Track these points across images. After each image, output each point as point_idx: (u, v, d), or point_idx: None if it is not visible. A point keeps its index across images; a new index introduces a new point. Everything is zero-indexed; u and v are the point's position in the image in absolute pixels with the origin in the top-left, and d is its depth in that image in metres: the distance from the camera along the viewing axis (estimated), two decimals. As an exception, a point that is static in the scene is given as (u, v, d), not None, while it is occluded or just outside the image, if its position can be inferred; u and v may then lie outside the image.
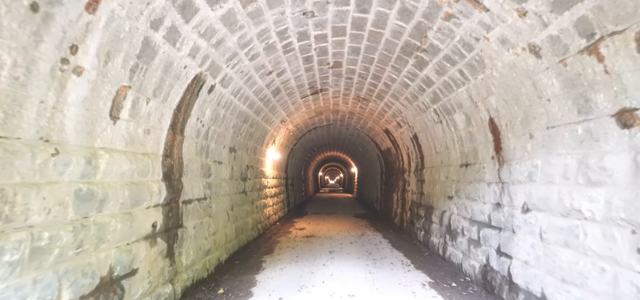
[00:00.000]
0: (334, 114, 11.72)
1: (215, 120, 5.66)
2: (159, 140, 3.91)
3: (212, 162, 5.87)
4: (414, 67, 5.86)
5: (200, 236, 5.14)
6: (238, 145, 7.34)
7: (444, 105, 6.06)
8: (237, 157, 7.34)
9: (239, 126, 6.97)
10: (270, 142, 10.14)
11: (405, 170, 10.55)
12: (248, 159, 8.26)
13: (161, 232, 3.90)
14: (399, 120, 8.92)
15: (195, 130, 4.99)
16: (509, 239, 4.28)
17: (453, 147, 6.43)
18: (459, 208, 6.03)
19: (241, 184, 7.63)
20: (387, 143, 11.80)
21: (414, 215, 9.09)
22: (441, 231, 6.85)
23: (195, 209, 5.02)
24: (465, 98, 5.22)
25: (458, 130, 5.99)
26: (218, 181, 6.09)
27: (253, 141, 8.40)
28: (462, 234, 5.79)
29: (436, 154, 7.45)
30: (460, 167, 6.11)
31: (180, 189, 4.50)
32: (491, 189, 4.87)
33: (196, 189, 5.09)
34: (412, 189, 9.62)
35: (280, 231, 9.83)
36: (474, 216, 5.41)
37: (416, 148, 8.87)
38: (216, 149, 6.03)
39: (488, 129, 4.88)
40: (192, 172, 4.96)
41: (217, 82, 5.04)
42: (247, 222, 7.97)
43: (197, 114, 4.91)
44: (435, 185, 7.51)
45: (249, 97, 6.63)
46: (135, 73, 3.10)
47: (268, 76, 6.53)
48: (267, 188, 10.35)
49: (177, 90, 4.05)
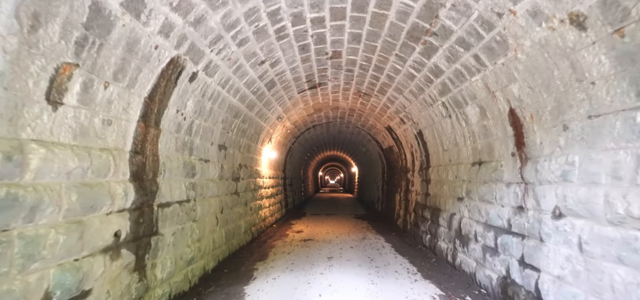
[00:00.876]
0: (333, 111, 11.09)
1: (200, 114, 5.03)
2: (125, 133, 3.28)
3: (198, 160, 5.24)
4: (421, 55, 5.23)
5: (182, 244, 4.51)
6: (229, 143, 6.71)
7: (454, 98, 5.43)
8: (227, 155, 6.71)
9: (229, 121, 6.35)
10: (266, 140, 9.52)
11: (408, 169, 9.91)
12: (241, 157, 7.64)
13: (127, 242, 3.27)
14: (403, 116, 8.29)
15: (174, 124, 4.36)
16: (535, 248, 3.64)
17: (463, 144, 5.80)
18: (471, 211, 5.39)
19: (233, 185, 7.00)
20: (389, 141, 11.17)
21: (418, 218, 8.46)
22: (450, 236, 6.22)
23: (175, 213, 4.40)
24: (480, 88, 4.59)
25: (470, 125, 5.36)
26: (204, 181, 5.46)
27: (246, 138, 7.78)
28: (475, 239, 5.15)
29: (444, 151, 6.82)
30: (472, 166, 5.47)
31: (154, 191, 3.87)
32: (511, 190, 4.23)
33: (176, 190, 4.46)
34: (416, 189, 8.98)
35: (276, 234, 9.20)
36: (489, 220, 4.78)
37: (421, 146, 8.23)
38: (202, 145, 5.41)
39: (507, 122, 4.24)
40: (172, 172, 4.33)
41: (199, 70, 4.41)
42: (240, 226, 7.34)
43: (177, 105, 4.28)
44: (442, 186, 6.88)
45: (240, 89, 6.00)
46: (84, 48, 2.47)
47: (260, 66, 5.90)
48: (262, 188, 9.72)
49: (148, 75, 3.43)
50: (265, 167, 10.15)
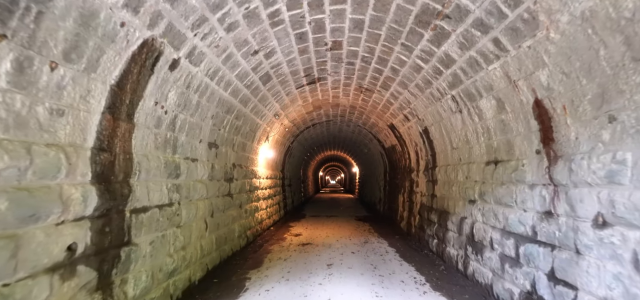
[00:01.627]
0: (333, 109, 10.53)
1: (185, 108, 4.48)
2: (84, 126, 2.72)
3: (183, 159, 4.69)
4: (430, 42, 4.67)
5: (161, 253, 3.96)
6: (221, 141, 6.16)
7: (466, 90, 4.87)
8: (219, 154, 6.16)
9: (220, 117, 5.79)
10: (262, 139, 8.96)
11: (412, 169, 9.35)
12: (235, 156, 7.08)
13: (87, 256, 2.71)
14: (407, 112, 7.73)
15: (153, 118, 3.80)
16: (570, 262, 3.08)
17: (476, 141, 5.24)
18: (486, 215, 4.83)
19: (225, 186, 6.45)
20: (392, 140, 10.61)
21: (424, 220, 7.89)
22: (460, 241, 5.65)
23: (154, 219, 3.84)
24: (498, 77, 4.02)
25: (484, 120, 4.80)
26: (191, 183, 4.90)
27: (241, 136, 7.22)
28: (491, 247, 4.59)
29: (453, 149, 6.25)
30: (487, 165, 4.91)
31: (126, 194, 3.32)
32: (536, 193, 3.67)
33: (156, 192, 3.91)
34: (421, 190, 8.42)
35: (273, 238, 8.63)
36: (508, 226, 4.22)
37: (426, 144, 7.67)
38: (188, 143, 4.85)
39: (531, 115, 3.68)
40: (150, 172, 3.77)
41: (182, 56, 3.85)
42: (233, 230, 6.78)
43: (155, 97, 3.73)
44: (451, 187, 6.32)
45: (232, 82, 5.45)
46: (12, 14, 1.92)
47: (254, 57, 5.35)
48: (259, 189, 9.17)
49: (114, 58, 2.87)
50: (262, 167, 9.60)
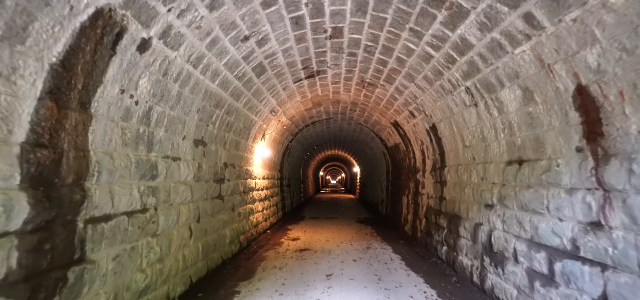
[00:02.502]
0: (334, 106, 9.88)
1: (162, 99, 3.84)
2: (7, 115, 2.08)
3: (162, 158, 4.05)
4: (444, 25, 4.02)
5: (130, 269, 3.31)
6: (210, 138, 5.52)
7: (484, 80, 4.21)
8: (208, 153, 5.51)
9: (208, 112, 5.15)
10: (258, 137, 8.32)
11: (418, 169, 8.69)
12: (226, 155, 6.44)
13: (10, 285, 2.07)
14: (413, 108, 7.07)
15: (119, 109, 3.16)
16: (634, 288, 2.42)
17: (494, 138, 4.58)
18: (508, 222, 4.17)
19: (215, 187, 5.80)
20: (396, 138, 9.95)
21: (431, 225, 7.23)
22: (475, 251, 4.99)
23: (121, 229, 3.20)
24: (527, 62, 3.37)
25: (506, 114, 4.14)
26: (172, 185, 4.26)
27: (233, 134, 6.58)
28: (515, 260, 3.93)
29: (465, 148, 5.59)
30: (508, 166, 4.25)
31: (79, 201, 2.67)
32: (577, 199, 3.01)
33: (124, 197, 3.27)
34: (428, 192, 7.76)
35: (269, 243, 7.98)
36: (537, 237, 3.56)
37: (434, 142, 7.01)
38: (169, 140, 4.21)
39: (572, 106, 3.02)
40: (115, 173, 3.13)
41: (154, 36, 3.21)
42: (224, 236, 6.14)
43: (121, 83, 3.09)
44: (463, 189, 5.66)
45: (220, 72, 4.80)
46: None
47: (244, 44, 4.70)
48: (255, 191, 8.52)
49: (53, 28, 2.23)
50: (258, 167, 8.95)
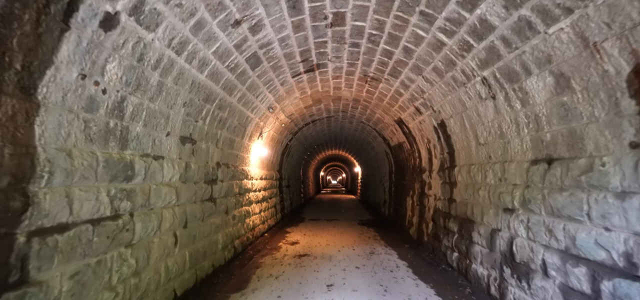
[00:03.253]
0: (335, 103, 9.33)
1: (139, 88, 3.30)
2: None
3: (140, 156, 3.51)
4: (460, 5, 3.47)
5: (94, 288, 2.77)
6: (199, 135, 4.98)
7: (506, 68, 3.66)
8: (197, 151, 4.97)
9: (197, 106, 4.61)
10: (255, 135, 7.77)
11: (423, 169, 8.13)
12: (219, 154, 5.90)
13: None
14: (419, 104, 6.52)
15: (80, 98, 2.62)
16: None
17: (515, 134, 4.03)
18: (533, 229, 3.62)
19: (205, 189, 5.26)
20: (399, 137, 9.40)
21: (439, 228, 6.68)
22: (492, 259, 4.44)
23: (82, 240, 2.66)
24: (565, 42, 2.82)
25: (531, 106, 3.59)
26: (152, 187, 3.72)
27: (227, 131, 6.03)
28: (545, 273, 3.38)
29: (479, 146, 5.04)
30: (533, 164, 3.70)
31: (18, 210, 2.13)
32: (632, 205, 2.46)
33: (87, 202, 2.73)
34: (434, 193, 7.21)
35: (266, 247, 7.43)
36: (574, 248, 3.01)
37: (442, 140, 6.46)
38: (148, 136, 3.67)
39: (625, 92, 2.47)
40: (73, 174, 2.59)
41: (121, 11, 2.67)
42: (215, 241, 5.59)
43: (80, 66, 2.54)
44: (476, 190, 5.11)
45: (208, 60, 4.26)
46: None
47: (235, 30, 4.16)
48: (251, 192, 7.97)
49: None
50: (255, 166, 8.41)
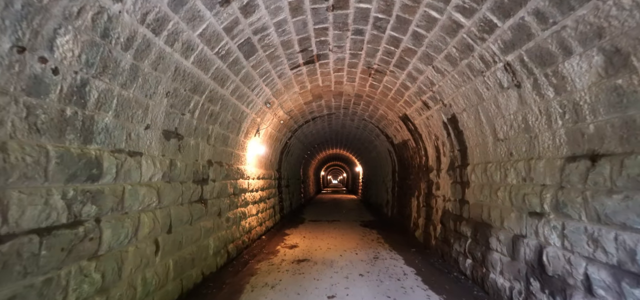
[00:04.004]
0: (336, 99, 8.77)
1: (104, 71, 2.74)
2: None
3: (109, 152, 2.95)
4: (486, -26, 2.91)
5: (40, 313, 2.22)
6: (187, 129, 4.42)
7: (536, 49, 3.10)
8: (185, 148, 4.42)
9: (183, 97, 4.06)
10: (251, 132, 7.22)
11: (430, 168, 7.57)
12: (211, 151, 5.34)
13: None
14: (428, 97, 5.96)
15: (19, 77, 2.06)
16: None
17: (545, 127, 3.46)
18: (571, 238, 3.06)
19: (195, 189, 4.70)
20: (404, 134, 8.83)
21: (449, 232, 6.11)
22: (515, 269, 3.88)
23: (23, 256, 2.10)
24: (625, 8, 2.25)
25: (568, 92, 3.03)
26: (126, 187, 3.16)
27: (220, 126, 5.47)
28: (588, 291, 2.82)
29: (497, 142, 4.48)
30: (570, 162, 3.13)
31: None
32: None
33: (29, 208, 2.16)
34: (443, 193, 6.64)
35: (263, 251, 6.87)
36: (634, 265, 2.45)
37: (453, 136, 5.89)
38: (121, 128, 3.11)
39: None
40: (11, 172, 2.03)
41: (73, -31, 2.12)
42: (206, 246, 5.03)
43: (15, 35, 1.98)
44: (494, 191, 4.54)
45: (194, 44, 3.71)
46: None
47: (225, 9, 3.60)
48: (248, 192, 7.41)
49: None
50: (251, 165, 7.85)
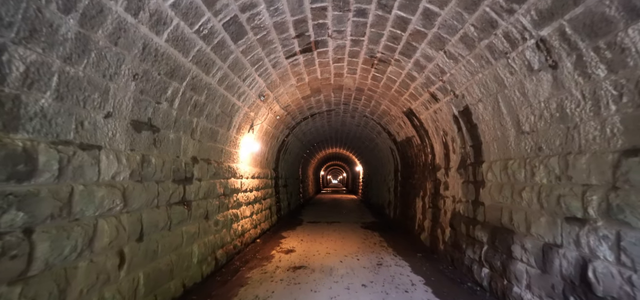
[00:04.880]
0: (336, 93, 8.13)
1: (33, 36, 2.08)
2: None
3: (49, 144, 2.30)
4: None
5: None
6: (164, 120, 3.76)
7: (584, 18, 2.45)
8: (162, 142, 3.76)
9: (157, 82, 3.40)
10: (244, 127, 6.56)
11: (437, 166, 6.91)
12: (195, 147, 4.69)
13: None
14: (437, 88, 5.31)
15: None
16: None
17: (591, 114, 2.81)
18: (634, 252, 2.40)
19: (174, 189, 4.05)
20: (408, 130, 8.18)
21: (460, 236, 5.46)
22: (548, 285, 3.22)
23: None
24: None
25: (627, 69, 2.37)
26: (76, 188, 2.51)
27: (206, 119, 4.82)
28: (659, 320, 2.17)
29: (521, 135, 3.82)
30: (629, 156, 2.48)
31: None
32: None
33: None
34: (453, 194, 5.99)
35: (256, 256, 6.21)
36: None
37: (464, 131, 5.24)
38: (69, 114, 2.45)
39: None
40: None
41: None
42: (188, 254, 4.38)
43: None
44: (517, 192, 3.88)
45: (167, 16, 3.05)
46: None
47: (202, -27, 2.96)
48: (240, 192, 6.76)
49: None
50: (245, 163, 7.20)
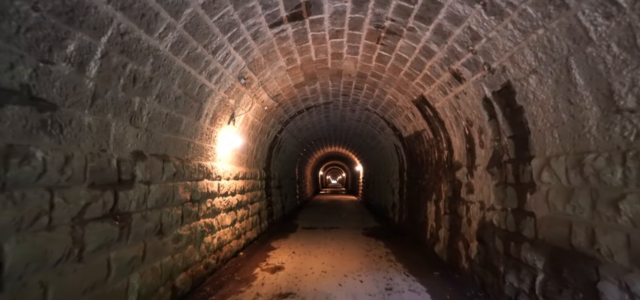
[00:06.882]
0: (334, 81, 6.77)
1: None
2: None
3: None
4: None
5: None
6: (71, 93, 2.39)
7: None
8: (68, 125, 2.40)
9: (48, 26, 2.05)
10: (221, 117, 5.20)
11: (457, 164, 5.55)
12: (141, 137, 3.31)
13: None
14: (463, 63, 3.94)
15: None
16: None
17: None
18: None
19: (94, 198, 2.69)
20: (417, 123, 6.82)
21: (495, 255, 4.08)
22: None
23: None
24: None
25: None
26: None
27: (159, 102, 3.45)
28: None
29: (614, 114, 2.44)
30: None
31: None
32: None
33: None
34: (481, 199, 4.61)
35: (234, 278, 4.84)
36: None
37: (501, 117, 3.87)
38: None
39: None
40: None
41: None
42: (122, 290, 2.99)
43: None
44: (604, 203, 2.50)
45: None
46: None
47: None
48: (217, 197, 5.39)
49: None
50: (225, 161, 5.84)
